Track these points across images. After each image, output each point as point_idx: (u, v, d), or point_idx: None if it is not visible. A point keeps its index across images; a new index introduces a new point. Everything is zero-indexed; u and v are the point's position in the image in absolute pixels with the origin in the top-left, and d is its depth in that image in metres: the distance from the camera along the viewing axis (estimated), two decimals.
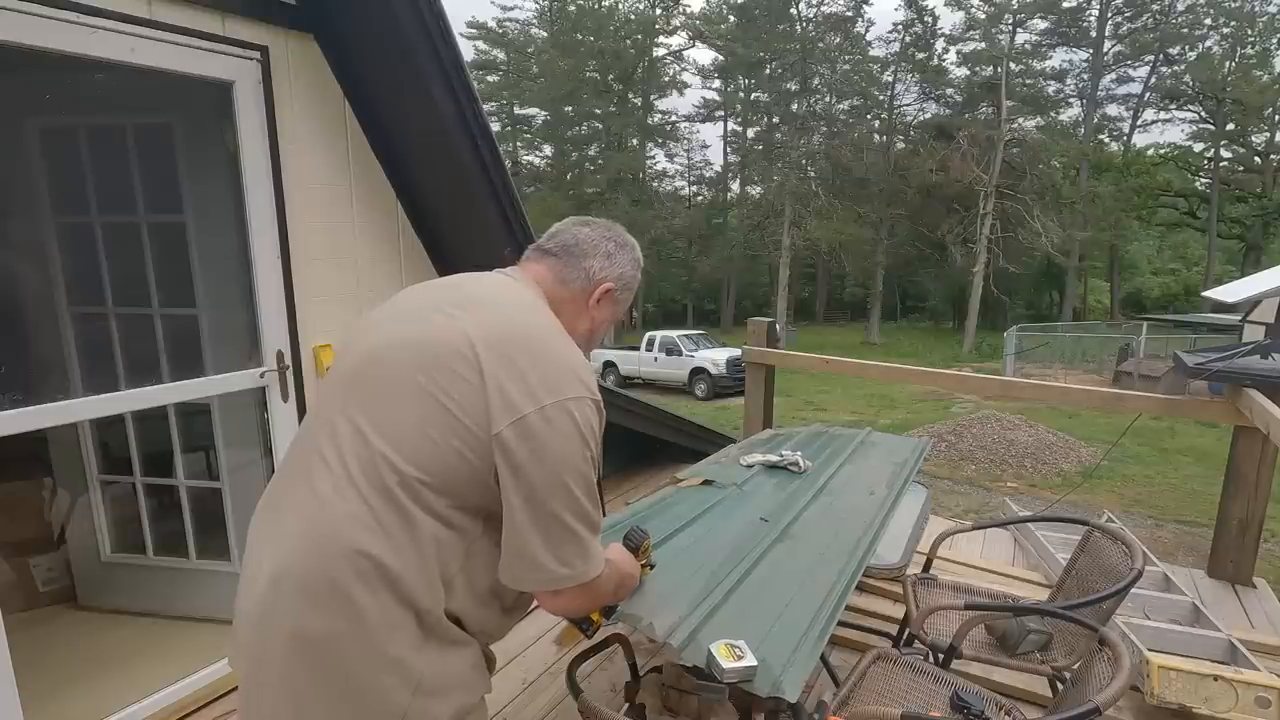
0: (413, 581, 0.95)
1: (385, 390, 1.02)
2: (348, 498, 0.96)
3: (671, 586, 1.60)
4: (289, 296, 2.43)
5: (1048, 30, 31.67)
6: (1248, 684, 2.15)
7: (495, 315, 1.06)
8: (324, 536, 0.95)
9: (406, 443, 0.97)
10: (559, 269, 1.21)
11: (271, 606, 0.96)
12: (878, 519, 2.20)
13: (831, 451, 2.93)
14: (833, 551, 1.94)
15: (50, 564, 2.93)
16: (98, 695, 2.19)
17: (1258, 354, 2.91)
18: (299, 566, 0.95)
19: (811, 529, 2.11)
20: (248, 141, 2.25)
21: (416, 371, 1.00)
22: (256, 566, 1.01)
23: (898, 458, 2.91)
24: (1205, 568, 3.30)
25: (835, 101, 34.19)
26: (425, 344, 1.03)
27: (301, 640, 0.94)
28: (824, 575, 1.79)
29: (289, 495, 1.04)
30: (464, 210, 2.87)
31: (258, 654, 0.98)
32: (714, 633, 1.46)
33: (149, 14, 1.96)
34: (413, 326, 1.07)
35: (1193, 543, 6.79)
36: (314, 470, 1.01)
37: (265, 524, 1.06)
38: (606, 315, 1.25)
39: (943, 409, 13.82)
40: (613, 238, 1.26)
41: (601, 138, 36.88)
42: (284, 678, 0.95)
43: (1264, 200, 29.35)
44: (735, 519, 2.14)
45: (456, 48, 2.40)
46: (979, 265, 27.27)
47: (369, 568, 0.93)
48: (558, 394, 0.99)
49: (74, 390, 2.60)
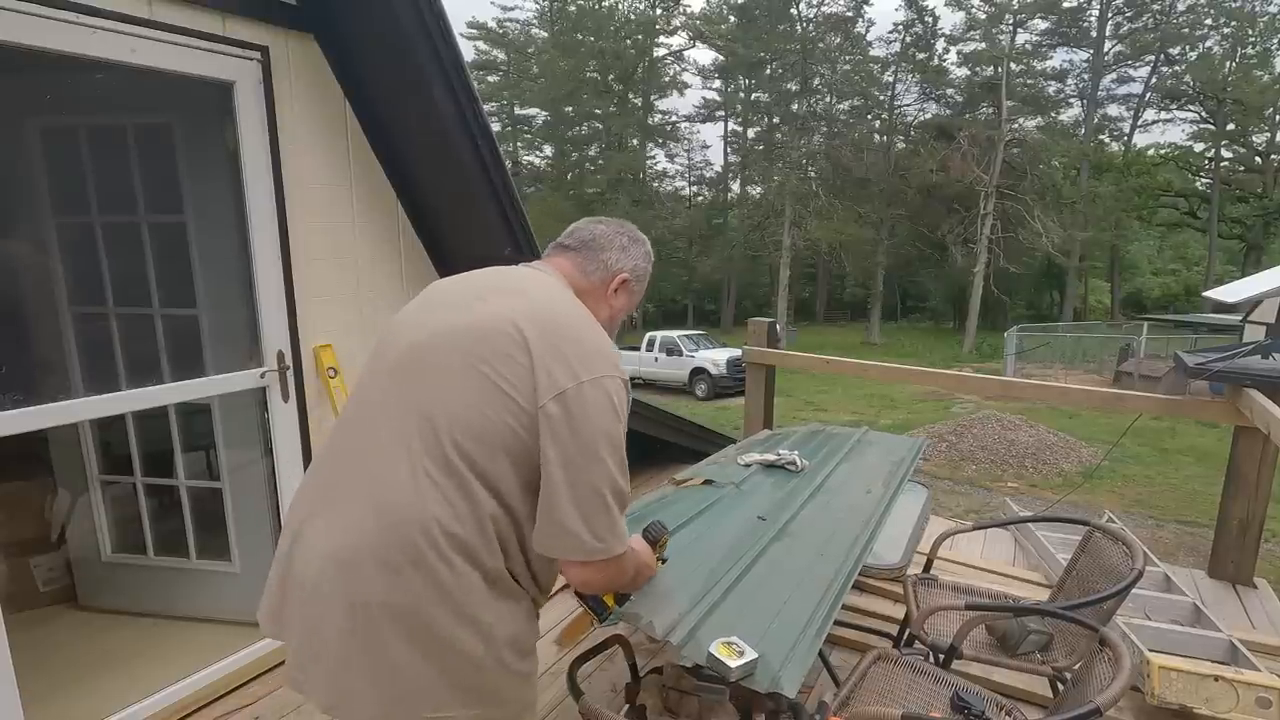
0: (476, 544, 1.06)
1: (440, 374, 1.10)
2: (416, 477, 1.05)
3: (671, 584, 1.60)
4: (289, 296, 2.43)
5: (1048, 30, 31.67)
6: (1248, 684, 2.15)
7: (536, 303, 1.16)
8: (397, 515, 1.04)
9: (465, 422, 1.06)
10: (580, 262, 1.31)
11: (339, 581, 1.05)
12: (875, 517, 2.21)
13: (829, 450, 2.92)
14: (830, 549, 1.95)
15: (51, 564, 2.93)
16: (98, 695, 2.19)
17: (1258, 354, 2.91)
18: (375, 544, 1.04)
19: (809, 527, 2.12)
20: (248, 141, 2.25)
21: (469, 355, 1.09)
22: (309, 547, 1.10)
23: (895, 456, 2.90)
24: (1206, 568, 3.30)
25: (836, 102, 34.20)
26: (475, 329, 1.12)
27: (387, 609, 1.03)
28: (822, 573, 1.80)
29: (347, 479, 1.12)
30: (464, 210, 2.87)
31: (314, 624, 1.08)
32: (713, 630, 1.47)
33: (149, 14, 1.97)
34: (459, 314, 1.16)
35: (1193, 543, 6.79)
36: (375, 454, 1.10)
37: (317, 506, 1.14)
38: (623, 303, 1.36)
39: (943, 409, 13.81)
40: (625, 233, 1.37)
41: (602, 138, 36.89)
42: (363, 642, 1.04)
43: (1264, 200, 29.33)
44: (733, 517, 2.14)
45: (457, 48, 2.40)
46: (979, 265, 27.26)
47: (441, 537, 1.04)
48: (594, 372, 1.09)
49: (75, 390, 2.60)
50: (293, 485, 2.52)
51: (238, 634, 2.52)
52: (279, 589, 1.16)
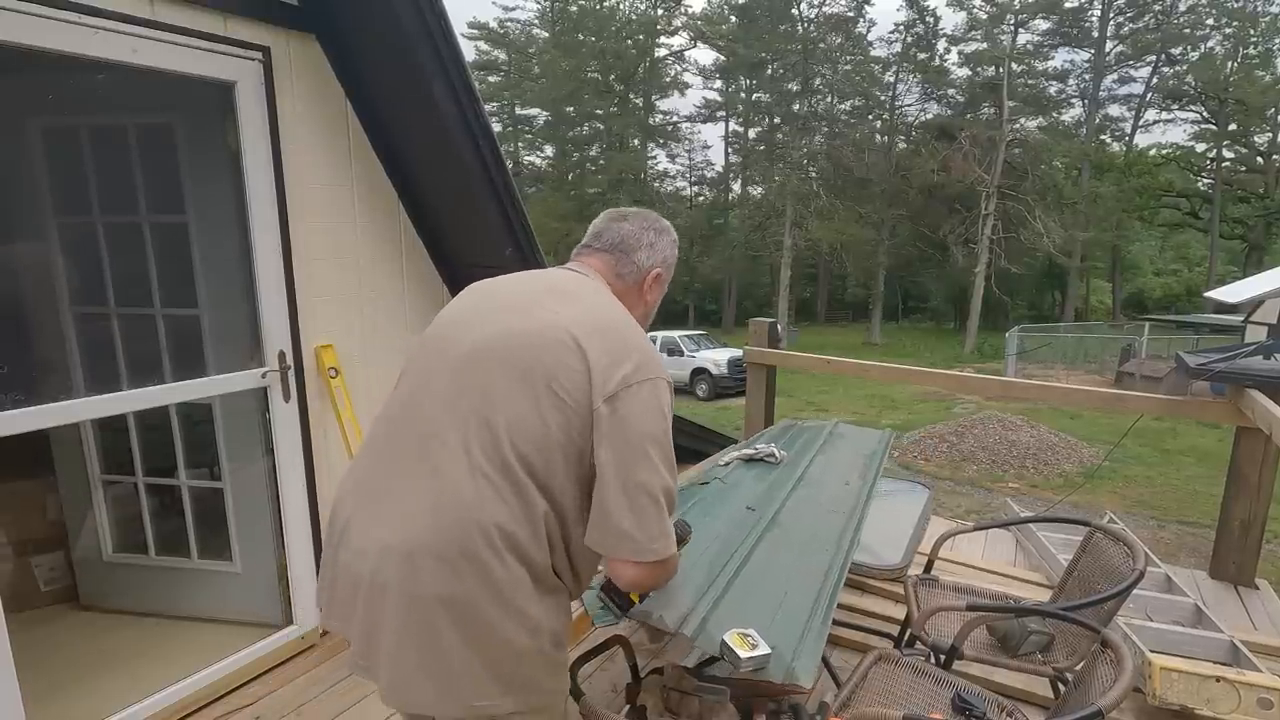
0: (528, 543, 1.11)
1: (496, 377, 1.14)
2: (475, 477, 1.10)
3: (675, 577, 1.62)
4: (290, 296, 2.43)
5: (1050, 30, 31.61)
6: (1250, 685, 2.15)
7: (587, 310, 1.22)
8: (456, 514, 1.09)
9: (524, 429, 1.11)
10: (613, 264, 1.36)
11: (398, 574, 1.09)
12: (858, 508, 2.28)
13: (804, 443, 3.02)
14: (820, 539, 2.02)
15: (52, 564, 2.93)
16: (99, 695, 2.19)
17: (1260, 354, 2.90)
18: (433, 541, 1.09)
19: (797, 517, 2.18)
20: (249, 141, 2.25)
21: (531, 364, 1.14)
22: (364, 536, 1.15)
23: (866, 449, 3.02)
24: (1207, 569, 3.29)
25: (837, 102, 34.17)
26: (533, 334, 1.17)
27: (440, 602, 1.08)
28: (816, 563, 1.85)
29: (403, 477, 1.16)
30: (465, 210, 2.87)
31: (375, 615, 1.12)
32: (722, 622, 1.49)
33: (151, 14, 1.97)
34: (521, 319, 1.20)
35: (1195, 544, 6.78)
36: (433, 453, 1.14)
37: (370, 502, 1.18)
38: (657, 295, 1.42)
39: (944, 409, 13.80)
40: (650, 226, 1.40)
41: (603, 138, 36.87)
42: (419, 632, 1.09)
43: (1266, 201, 29.29)
44: (723, 510, 2.20)
45: (458, 48, 2.39)
46: (980, 266, 27.23)
47: (497, 535, 1.08)
48: (642, 375, 1.15)
49: (76, 390, 2.60)
50: (294, 485, 2.53)
51: (238, 634, 2.52)
52: (330, 579, 1.21)
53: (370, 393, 2.75)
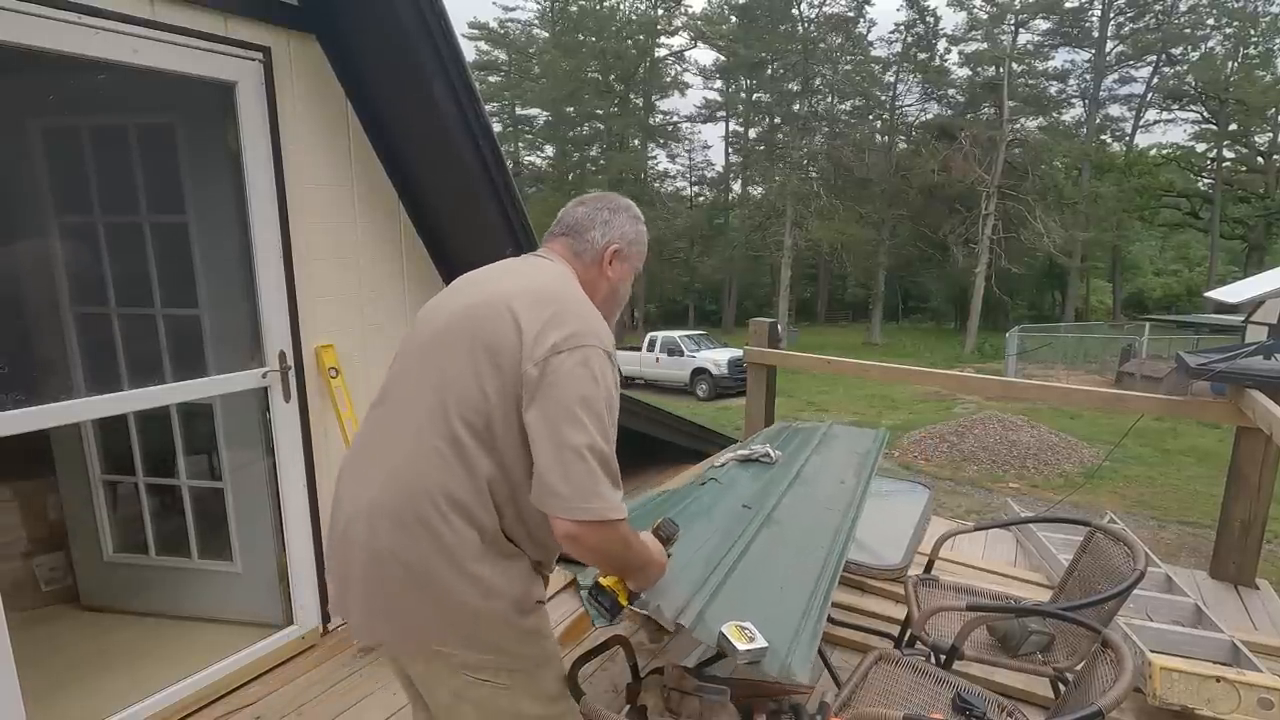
0: (474, 506, 1.18)
1: (448, 352, 1.23)
2: (424, 446, 1.19)
3: (673, 571, 1.61)
4: (291, 296, 2.43)
5: (1050, 30, 31.60)
6: (1250, 685, 2.15)
7: (529, 282, 1.29)
8: (408, 478, 1.19)
9: (468, 398, 1.19)
10: (571, 245, 1.42)
11: (363, 531, 1.21)
12: (853, 506, 2.29)
13: (799, 443, 3.03)
14: (816, 536, 2.03)
15: (53, 563, 2.93)
16: (100, 694, 2.20)
17: (1260, 355, 2.90)
18: (390, 502, 1.20)
19: (793, 515, 2.19)
20: (250, 142, 2.25)
21: (472, 336, 1.22)
22: (339, 505, 1.30)
23: (860, 448, 3.02)
24: (1207, 569, 3.29)
25: (837, 102, 34.15)
26: (474, 307, 1.26)
27: (395, 558, 1.18)
28: (812, 559, 1.86)
29: (376, 444, 1.29)
30: (466, 210, 2.87)
31: (346, 566, 1.26)
32: (719, 613, 1.49)
33: (151, 14, 1.97)
34: (468, 298, 1.30)
35: (1195, 544, 6.78)
36: (396, 424, 1.26)
37: (354, 466, 1.32)
38: (623, 271, 1.45)
39: (944, 410, 13.80)
40: (605, 205, 1.46)
41: (603, 138, 36.84)
42: (379, 581, 1.21)
43: (1267, 201, 29.28)
44: (720, 506, 2.22)
45: (458, 48, 2.40)
46: (981, 266, 27.22)
47: (444, 500, 1.17)
48: (574, 341, 1.18)
49: (76, 390, 2.60)
50: (294, 485, 2.53)
51: (239, 634, 2.53)
52: (327, 539, 1.37)
53: (370, 392, 2.72)
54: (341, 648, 2.61)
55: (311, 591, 2.61)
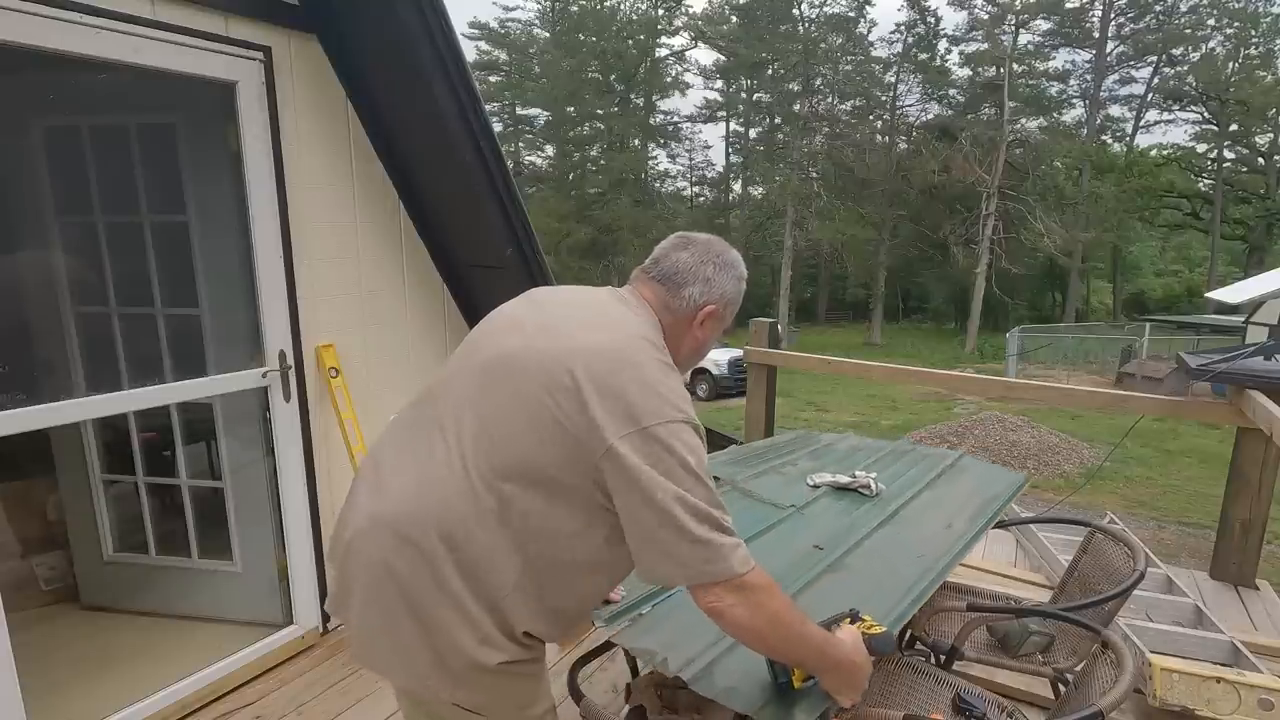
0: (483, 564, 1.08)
1: (508, 393, 1.12)
2: (456, 476, 1.10)
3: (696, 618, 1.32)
4: (291, 296, 2.43)
5: (1051, 31, 31.56)
6: (1250, 686, 2.15)
7: (607, 342, 1.15)
8: (427, 498, 1.11)
9: (517, 444, 1.09)
10: (665, 295, 1.27)
11: (366, 538, 1.14)
12: (950, 555, 1.94)
13: (914, 474, 2.61)
14: (886, 588, 1.74)
15: (53, 563, 2.94)
16: (99, 694, 2.20)
17: (1261, 355, 2.90)
18: (397, 513, 1.12)
19: (870, 560, 1.90)
20: (250, 141, 2.25)
21: (536, 383, 1.10)
22: (353, 506, 1.20)
23: (988, 491, 2.48)
24: (1208, 569, 3.29)
25: (838, 102, 34.10)
26: (548, 357, 1.12)
27: (386, 569, 1.11)
28: (869, 615, 1.55)
29: (402, 455, 1.19)
30: (466, 210, 2.87)
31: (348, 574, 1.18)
32: (730, 669, 1.36)
33: (152, 14, 1.97)
34: (543, 339, 1.16)
35: (1195, 544, 6.78)
36: (432, 443, 1.15)
37: (371, 474, 1.22)
38: (710, 334, 1.33)
39: (945, 410, 13.79)
40: (711, 259, 1.29)
41: (603, 138, 36.81)
42: (379, 598, 1.13)
43: (1268, 201, 29.25)
44: (789, 546, 1.95)
45: (458, 47, 2.40)
46: (981, 266, 27.21)
47: (453, 538, 1.08)
48: (657, 418, 1.07)
49: (77, 390, 2.60)
50: (294, 484, 2.53)
51: (238, 633, 2.53)
52: (332, 542, 1.26)
53: (370, 392, 2.76)
54: (341, 647, 2.61)
55: (311, 591, 2.61)
